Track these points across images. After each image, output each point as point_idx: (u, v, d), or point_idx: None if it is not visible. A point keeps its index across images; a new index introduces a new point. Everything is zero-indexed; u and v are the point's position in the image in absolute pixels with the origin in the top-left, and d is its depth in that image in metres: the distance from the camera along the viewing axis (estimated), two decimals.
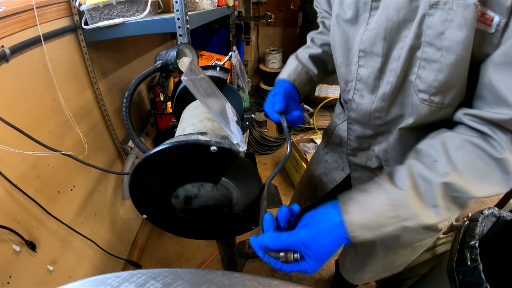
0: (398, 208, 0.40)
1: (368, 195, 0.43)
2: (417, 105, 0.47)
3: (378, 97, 0.53)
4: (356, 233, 0.40)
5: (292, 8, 2.66)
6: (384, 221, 0.41)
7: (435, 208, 0.40)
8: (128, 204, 1.44)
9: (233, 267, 0.85)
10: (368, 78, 0.52)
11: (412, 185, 0.41)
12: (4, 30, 0.69)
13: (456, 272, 0.76)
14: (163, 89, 1.51)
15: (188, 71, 0.39)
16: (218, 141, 0.42)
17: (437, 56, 0.41)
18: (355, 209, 0.42)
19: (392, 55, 0.47)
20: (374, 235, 0.41)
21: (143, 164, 0.42)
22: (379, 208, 0.41)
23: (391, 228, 0.41)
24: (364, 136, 0.62)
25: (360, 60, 0.52)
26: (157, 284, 0.45)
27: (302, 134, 2.51)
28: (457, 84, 0.42)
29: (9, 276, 0.71)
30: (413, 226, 0.40)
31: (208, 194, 0.45)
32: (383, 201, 0.41)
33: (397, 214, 0.40)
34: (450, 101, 0.45)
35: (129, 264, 1.34)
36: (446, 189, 0.39)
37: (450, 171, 0.39)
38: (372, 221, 0.41)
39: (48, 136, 0.86)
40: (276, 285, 0.45)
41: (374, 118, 0.56)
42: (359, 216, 0.41)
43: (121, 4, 0.89)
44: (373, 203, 0.42)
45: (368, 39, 0.49)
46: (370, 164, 0.66)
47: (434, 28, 0.40)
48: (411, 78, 0.46)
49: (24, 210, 0.77)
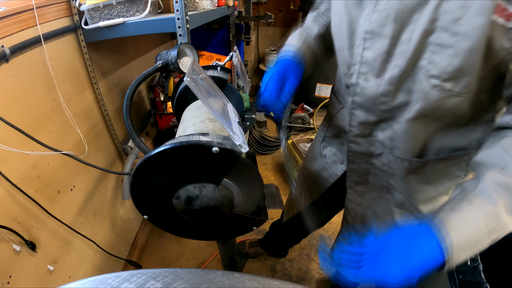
0: (490, 223, 0.40)
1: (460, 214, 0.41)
2: (427, 91, 0.47)
3: (385, 80, 0.52)
4: (454, 256, 0.39)
5: (292, 8, 2.66)
6: (479, 239, 0.40)
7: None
8: (128, 204, 1.43)
9: (233, 267, 0.85)
10: (374, 61, 0.51)
11: (497, 197, 0.40)
12: (4, 30, 0.69)
13: (456, 272, 0.76)
14: (163, 89, 1.51)
15: (190, 71, 0.39)
16: (220, 142, 0.42)
17: (452, 42, 0.41)
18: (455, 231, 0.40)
19: (401, 38, 0.47)
20: (468, 255, 0.40)
21: (145, 165, 0.42)
22: (476, 227, 0.40)
23: (484, 244, 0.40)
24: (367, 122, 0.61)
25: (366, 42, 0.51)
26: (157, 284, 0.45)
27: (302, 134, 2.51)
28: (470, 72, 0.43)
29: (9, 276, 0.71)
30: (499, 237, 0.40)
31: (210, 195, 0.45)
32: (479, 219, 0.40)
33: (489, 228, 0.40)
34: (461, 89, 0.45)
35: (129, 264, 1.34)
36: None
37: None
38: (469, 241, 0.40)
39: (48, 136, 0.86)
40: (276, 285, 0.45)
41: (380, 103, 0.55)
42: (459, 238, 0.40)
43: (121, 4, 0.89)
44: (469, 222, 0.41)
45: (377, 20, 0.48)
46: (373, 149, 0.65)
47: (451, 13, 0.40)
48: (422, 63, 0.46)
49: (24, 210, 0.77)
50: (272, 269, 1.46)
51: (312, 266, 1.48)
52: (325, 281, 1.42)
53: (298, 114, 2.49)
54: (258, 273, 1.43)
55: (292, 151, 1.90)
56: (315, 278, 1.43)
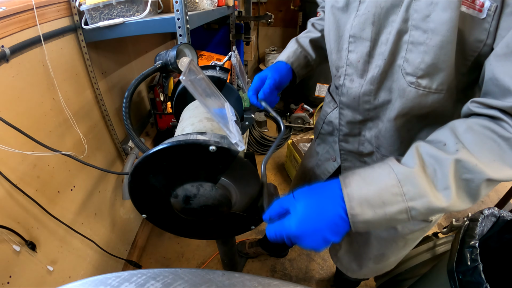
0: (404, 185, 0.37)
1: (371, 170, 0.41)
2: (404, 88, 0.48)
3: (367, 80, 0.54)
4: (356, 210, 0.38)
5: (292, 8, 2.66)
6: (388, 198, 0.38)
7: (445, 190, 0.37)
8: (128, 204, 1.44)
9: (233, 267, 0.85)
10: (357, 62, 0.54)
11: (420, 164, 0.38)
12: (4, 30, 0.69)
13: (456, 272, 0.76)
14: (163, 89, 1.51)
15: (187, 71, 0.39)
16: (217, 140, 0.42)
17: (423, 39, 0.42)
18: (356, 182, 0.40)
19: (380, 39, 0.49)
20: (376, 215, 0.38)
21: (143, 164, 0.42)
22: (383, 183, 0.38)
23: (395, 208, 0.38)
24: (354, 121, 0.63)
25: (350, 46, 0.54)
26: (157, 284, 0.45)
27: (302, 134, 2.51)
28: (444, 67, 0.43)
29: (9, 276, 0.71)
30: (420, 208, 0.37)
31: (207, 193, 0.45)
32: (387, 176, 0.39)
33: (403, 192, 0.37)
34: (438, 86, 0.45)
35: (129, 264, 1.34)
36: (457, 167, 0.36)
37: (460, 149, 0.37)
38: (374, 197, 0.38)
39: (48, 136, 0.86)
40: (276, 285, 0.45)
41: (363, 102, 0.57)
42: (361, 189, 0.39)
43: (121, 4, 0.89)
44: (376, 178, 0.39)
45: (357, 24, 0.51)
46: (362, 149, 0.67)
47: (420, 11, 0.42)
48: (399, 62, 0.48)
49: (24, 210, 0.77)
50: (272, 269, 1.46)
51: (312, 266, 1.48)
52: (325, 281, 1.42)
53: (298, 114, 2.49)
54: (258, 273, 1.43)
55: (292, 151, 1.90)
56: (315, 278, 1.43)
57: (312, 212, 0.40)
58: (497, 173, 0.36)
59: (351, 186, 0.40)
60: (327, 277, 1.43)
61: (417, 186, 0.37)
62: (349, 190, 0.39)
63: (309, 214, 0.40)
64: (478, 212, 0.87)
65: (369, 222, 0.39)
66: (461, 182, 0.37)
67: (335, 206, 0.39)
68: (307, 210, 0.40)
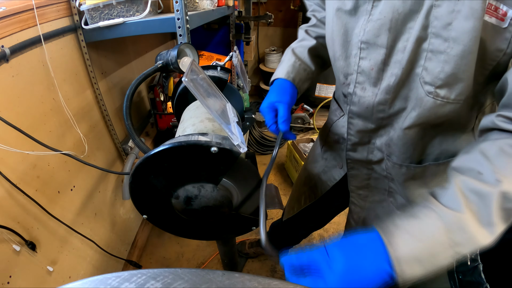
0: (453, 232, 0.35)
1: (417, 222, 0.37)
2: (422, 97, 0.46)
3: (381, 89, 0.51)
4: (404, 267, 0.35)
5: (292, 8, 2.66)
6: (437, 250, 0.35)
7: (490, 226, 0.35)
8: (128, 204, 1.43)
9: (233, 267, 0.85)
10: (370, 70, 0.51)
11: (466, 204, 0.36)
12: (4, 30, 0.69)
13: (456, 272, 0.76)
14: (163, 89, 1.51)
15: (189, 71, 0.39)
16: (219, 142, 0.42)
17: (444, 47, 0.41)
18: (404, 241, 0.36)
19: (397, 47, 0.46)
20: (425, 270, 0.35)
21: (144, 165, 0.42)
22: (431, 235, 0.36)
23: (443, 257, 0.35)
24: (365, 130, 0.60)
25: (362, 52, 0.51)
26: (157, 284, 0.44)
27: (302, 134, 2.51)
28: (464, 78, 0.41)
29: (9, 276, 0.71)
30: (468, 251, 0.36)
31: (209, 194, 0.45)
32: (436, 226, 0.36)
33: (452, 239, 0.35)
34: (456, 96, 0.44)
35: (129, 264, 1.34)
36: (502, 200, 0.34)
37: (501, 179, 0.35)
38: (423, 252, 0.35)
39: (48, 136, 0.86)
40: (276, 285, 0.45)
41: (377, 112, 0.55)
42: (410, 248, 0.35)
43: (121, 4, 0.89)
44: (425, 231, 0.36)
45: (371, 30, 0.48)
46: (371, 157, 0.64)
47: (441, 19, 0.40)
48: (418, 70, 0.46)
49: (24, 210, 0.77)
50: (272, 269, 1.46)
51: None
52: None
53: (298, 114, 2.49)
54: (258, 273, 1.43)
55: (292, 151, 1.90)
56: None
57: (353, 277, 0.36)
58: None
59: (398, 245, 0.36)
60: None
61: (466, 231, 0.35)
62: (397, 252, 0.36)
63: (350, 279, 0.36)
64: None
65: (417, 277, 0.36)
66: (504, 212, 0.35)
67: (380, 271, 0.36)
68: (347, 274, 0.36)
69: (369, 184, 0.70)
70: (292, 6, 2.65)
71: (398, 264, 0.35)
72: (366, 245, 0.38)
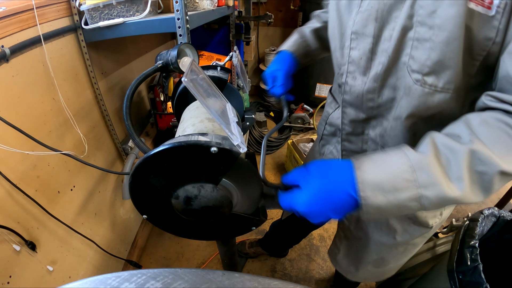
0: (417, 171, 0.37)
1: (384, 155, 0.41)
2: (410, 86, 0.47)
3: (370, 78, 0.53)
4: (368, 193, 0.38)
5: (292, 8, 2.66)
6: (400, 184, 0.38)
7: (458, 180, 0.37)
8: (128, 204, 1.44)
9: (233, 267, 0.85)
10: (359, 59, 0.53)
11: (434, 152, 0.38)
12: (4, 30, 0.69)
13: (456, 272, 0.76)
14: (163, 89, 1.51)
15: (188, 71, 0.39)
16: (219, 142, 0.42)
17: (429, 35, 0.42)
18: (370, 166, 0.40)
19: (383, 36, 0.48)
20: (387, 200, 0.38)
21: (143, 165, 0.42)
22: (395, 168, 0.39)
23: (407, 194, 0.38)
24: (357, 120, 0.62)
25: (352, 43, 0.53)
26: (157, 284, 0.45)
27: (302, 134, 2.51)
28: (450, 65, 0.42)
29: (9, 276, 0.71)
30: (432, 196, 0.37)
31: (208, 195, 0.45)
32: (401, 161, 0.39)
33: (415, 178, 0.37)
34: (444, 85, 0.45)
35: (129, 264, 1.34)
36: (471, 158, 0.36)
37: (474, 140, 0.37)
38: (387, 182, 0.38)
39: (48, 136, 0.86)
40: (276, 285, 0.45)
41: (367, 100, 0.56)
42: (373, 173, 0.39)
43: (121, 4, 0.89)
44: (389, 162, 0.40)
45: (360, 20, 0.50)
46: (366, 148, 0.65)
47: (426, 7, 0.41)
48: (404, 59, 0.47)
49: (24, 210, 0.77)
50: (272, 269, 1.46)
51: (312, 266, 1.48)
52: (325, 281, 1.42)
53: (298, 114, 2.49)
54: (258, 273, 1.44)
55: (292, 151, 1.90)
56: (315, 278, 1.43)
57: (322, 194, 0.41)
58: (510, 166, 0.36)
59: (363, 169, 0.40)
60: (327, 277, 1.43)
61: (430, 173, 0.37)
62: (361, 173, 0.39)
63: (319, 194, 0.41)
64: (478, 212, 0.87)
65: (380, 208, 0.39)
66: (475, 174, 0.37)
67: (345, 189, 0.40)
68: (317, 191, 0.41)
69: None
70: (292, 6, 2.65)
71: (362, 185, 0.39)
72: (339, 165, 0.42)
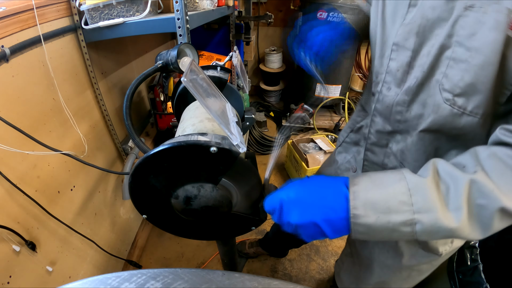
0: (414, 194, 0.37)
1: (382, 174, 0.41)
2: (439, 104, 0.47)
3: (403, 90, 0.53)
4: (359, 210, 0.38)
5: (292, 8, 2.66)
6: (395, 206, 0.37)
7: (456, 211, 0.35)
8: (128, 204, 1.44)
9: (233, 267, 0.85)
10: (396, 71, 0.53)
11: (435, 178, 0.37)
12: (4, 30, 0.69)
13: (456, 272, 0.76)
14: (163, 89, 1.51)
15: (188, 71, 0.39)
16: (218, 141, 0.42)
17: (466, 56, 0.42)
18: (365, 183, 0.39)
19: (422, 51, 0.49)
20: (379, 221, 0.37)
21: (143, 165, 0.42)
22: (391, 188, 0.38)
23: (400, 217, 0.37)
24: (383, 131, 0.62)
25: (392, 54, 0.53)
26: (157, 284, 0.45)
27: (302, 134, 2.51)
28: (482, 89, 0.42)
29: (9, 276, 0.71)
30: (426, 223, 0.36)
31: (208, 194, 0.45)
32: (398, 182, 0.38)
33: (412, 201, 0.36)
34: (473, 109, 0.44)
35: (129, 264, 1.35)
36: (472, 189, 0.35)
37: (478, 171, 0.36)
38: (381, 201, 0.37)
39: (48, 136, 0.86)
40: (276, 285, 0.45)
41: (395, 112, 0.56)
42: (368, 191, 0.38)
43: (121, 4, 0.89)
44: (386, 182, 0.39)
45: (402, 33, 0.51)
46: (387, 162, 0.65)
47: (466, 28, 0.41)
48: (438, 77, 0.47)
49: (24, 210, 0.77)
50: (272, 269, 1.46)
51: (312, 266, 1.48)
52: (325, 281, 1.42)
53: (298, 114, 2.49)
54: (258, 273, 1.44)
55: (292, 151, 1.90)
56: (315, 278, 1.43)
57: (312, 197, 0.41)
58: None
59: (358, 185, 0.39)
60: (327, 277, 1.43)
61: (427, 198, 0.36)
62: (356, 189, 0.39)
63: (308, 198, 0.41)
64: None
65: (370, 227, 0.38)
66: (474, 207, 0.35)
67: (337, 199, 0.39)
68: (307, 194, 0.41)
69: None
70: (292, 6, 2.65)
71: (355, 202, 0.38)
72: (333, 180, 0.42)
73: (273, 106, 2.84)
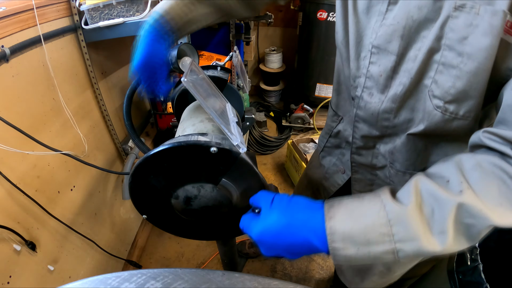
0: (394, 225, 0.34)
1: (359, 203, 0.38)
2: (430, 111, 0.45)
3: (388, 97, 0.50)
4: (338, 244, 0.35)
5: (292, 8, 2.66)
6: (374, 238, 0.35)
7: (441, 235, 0.33)
8: (128, 204, 1.44)
9: (233, 267, 0.85)
10: (379, 76, 0.49)
11: (417, 202, 0.35)
12: (4, 30, 0.69)
13: (456, 272, 0.76)
14: None
15: (188, 72, 0.39)
16: (219, 142, 0.42)
17: (457, 62, 0.39)
18: (341, 216, 0.37)
19: (408, 55, 0.45)
20: (359, 254, 0.35)
21: (143, 165, 0.42)
22: (370, 220, 0.35)
23: (381, 248, 0.35)
24: (369, 136, 0.59)
25: (372, 57, 0.49)
26: (157, 284, 0.45)
27: (302, 134, 2.51)
28: (474, 95, 0.40)
29: (9, 276, 0.71)
30: (409, 251, 0.34)
31: (208, 195, 0.45)
32: (377, 214, 0.35)
33: (392, 232, 0.34)
34: (465, 113, 0.42)
35: (129, 264, 1.34)
36: (459, 212, 0.33)
37: (465, 190, 0.33)
38: (360, 234, 0.35)
39: (48, 136, 0.86)
40: (276, 285, 0.45)
41: (382, 119, 0.53)
42: (345, 225, 0.36)
43: (121, 4, 0.89)
44: (364, 214, 0.36)
45: (383, 35, 0.46)
46: (375, 162, 0.63)
47: (457, 31, 0.38)
48: (426, 82, 0.44)
49: (24, 210, 0.77)
50: (272, 269, 1.46)
51: (312, 266, 1.48)
52: (325, 281, 1.42)
53: (298, 114, 2.49)
54: (258, 273, 1.43)
55: (292, 151, 1.90)
56: (315, 278, 1.43)
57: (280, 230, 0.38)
58: (502, 219, 0.32)
59: (335, 219, 0.37)
60: (327, 277, 1.43)
61: (408, 228, 0.34)
62: (333, 223, 0.36)
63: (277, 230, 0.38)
64: None
65: (351, 258, 0.36)
66: (461, 226, 0.34)
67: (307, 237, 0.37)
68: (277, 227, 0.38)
69: (372, 190, 0.70)
70: (292, 6, 2.64)
71: (332, 236, 0.36)
72: (309, 211, 0.39)
73: (273, 106, 2.84)
